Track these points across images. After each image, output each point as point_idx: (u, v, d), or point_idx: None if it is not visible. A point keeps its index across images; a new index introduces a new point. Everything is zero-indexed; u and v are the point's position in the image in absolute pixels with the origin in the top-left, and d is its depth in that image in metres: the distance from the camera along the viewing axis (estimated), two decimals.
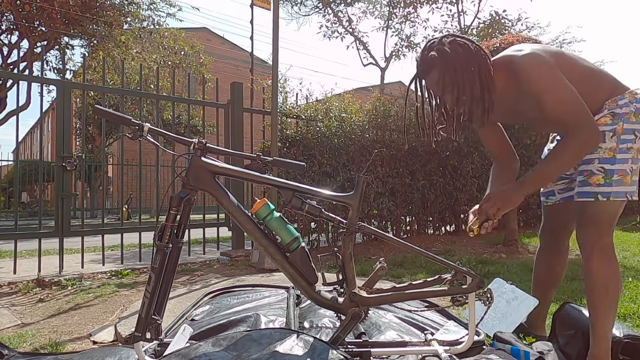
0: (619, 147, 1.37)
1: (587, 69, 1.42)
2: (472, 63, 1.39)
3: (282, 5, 11.89)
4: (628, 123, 1.38)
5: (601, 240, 1.39)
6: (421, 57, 1.44)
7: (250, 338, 1.24)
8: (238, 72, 20.22)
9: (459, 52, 1.39)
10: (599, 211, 1.39)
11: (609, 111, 1.40)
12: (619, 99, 1.40)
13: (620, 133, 1.38)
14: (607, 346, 1.38)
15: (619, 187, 1.37)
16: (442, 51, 1.39)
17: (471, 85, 1.39)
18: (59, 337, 1.94)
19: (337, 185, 4.64)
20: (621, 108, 1.39)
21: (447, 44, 1.40)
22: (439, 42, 1.41)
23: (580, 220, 1.43)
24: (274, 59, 3.68)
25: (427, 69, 1.42)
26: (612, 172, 1.38)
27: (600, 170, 1.39)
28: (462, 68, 1.38)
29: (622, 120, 1.38)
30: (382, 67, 11.89)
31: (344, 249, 1.44)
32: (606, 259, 1.38)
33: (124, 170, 3.64)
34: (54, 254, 4.66)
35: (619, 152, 1.37)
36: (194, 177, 1.42)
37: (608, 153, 1.38)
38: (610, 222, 1.39)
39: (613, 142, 1.38)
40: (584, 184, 1.42)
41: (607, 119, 1.39)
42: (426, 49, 1.44)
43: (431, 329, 1.69)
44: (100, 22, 9.66)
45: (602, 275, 1.38)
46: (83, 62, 3.53)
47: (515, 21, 10.08)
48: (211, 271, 3.51)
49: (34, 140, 35.88)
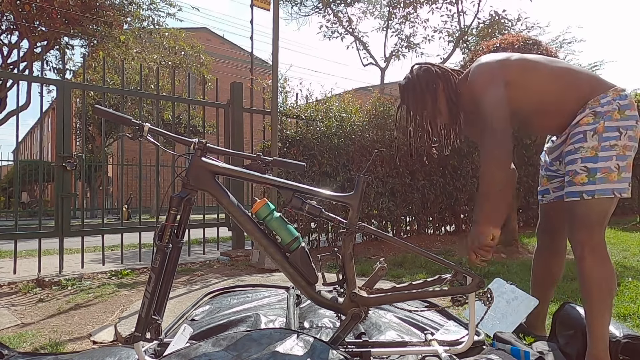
0: (601, 145, 1.38)
1: (559, 68, 1.47)
2: (434, 82, 1.60)
3: (282, 6, 11.89)
4: (611, 120, 1.38)
5: (592, 240, 1.39)
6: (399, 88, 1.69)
7: (250, 338, 1.24)
8: (238, 72, 20.22)
9: (420, 76, 1.61)
10: (587, 210, 1.39)
11: (590, 110, 1.41)
12: (601, 98, 1.41)
13: (601, 131, 1.38)
14: (605, 345, 1.38)
15: (604, 185, 1.38)
16: (406, 78, 1.65)
17: (433, 101, 1.59)
18: (59, 337, 1.94)
19: (337, 185, 4.64)
20: (603, 107, 1.40)
21: (412, 72, 1.64)
22: (408, 73, 1.67)
23: (571, 221, 1.44)
24: (274, 59, 3.68)
25: (401, 96, 1.67)
26: (595, 170, 1.38)
27: (583, 169, 1.40)
28: (423, 89, 1.59)
29: (603, 119, 1.39)
30: (382, 67, 11.88)
31: (344, 249, 1.44)
32: (599, 258, 1.38)
33: (124, 170, 3.64)
34: (54, 254, 4.66)
35: (601, 150, 1.38)
36: (194, 177, 1.42)
37: (590, 152, 1.39)
38: (600, 221, 1.39)
39: (594, 140, 1.39)
40: (570, 184, 1.44)
41: (589, 119, 1.40)
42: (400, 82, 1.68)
43: (431, 329, 1.69)
44: (100, 22, 9.66)
45: (595, 275, 1.38)
46: (83, 62, 3.53)
47: (515, 21, 10.09)
48: (211, 271, 3.51)
49: (34, 140, 35.88)
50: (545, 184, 1.73)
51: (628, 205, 8.66)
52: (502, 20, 9.46)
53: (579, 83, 1.44)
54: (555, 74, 1.46)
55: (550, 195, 1.69)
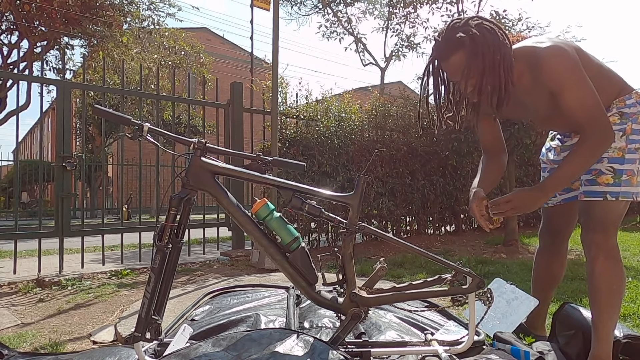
0: (628, 147, 1.36)
1: (598, 66, 1.40)
2: (499, 51, 1.30)
3: (281, 5, 11.90)
4: (636, 123, 1.36)
5: (607, 242, 1.37)
6: (446, 38, 1.33)
7: (250, 338, 1.24)
8: (238, 72, 20.21)
9: (487, 37, 1.30)
10: (606, 211, 1.37)
11: (617, 110, 1.38)
12: (627, 99, 1.39)
13: (629, 133, 1.36)
14: (609, 347, 1.37)
15: (628, 188, 1.36)
16: (470, 34, 1.29)
17: (494, 75, 1.31)
18: (59, 337, 1.94)
19: (337, 185, 4.64)
20: (629, 108, 1.37)
21: (475, 27, 1.31)
22: (464, 24, 1.32)
23: (587, 220, 1.41)
24: (274, 59, 3.68)
25: (451, 51, 1.32)
26: (621, 172, 1.36)
27: (609, 169, 1.37)
28: (489, 56, 1.29)
29: (630, 120, 1.36)
30: (382, 67, 11.89)
31: (344, 249, 1.44)
32: (612, 260, 1.37)
33: (124, 170, 3.64)
34: (54, 254, 4.66)
35: (628, 152, 1.35)
36: (194, 177, 1.41)
37: (617, 153, 1.36)
38: (616, 223, 1.38)
39: (622, 141, 1.36)
40: (592, 183, 1.40)
41: (616, 119, 1.38)
42: (451, 29, 1.33)
43: (431, 329, 1.69)
44: (99, 22, 9.65)
45: (607, 276, 1.36)
46: (83, 62, 3.53)
47: (515, 21, 10.07)
48: (211, 271, 3.51)
49: (34, 140, 35.87)
50: None
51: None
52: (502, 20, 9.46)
53: (611, 83, 1.40)
54: (598, 71, 1.39)
55: (557, 199, 1.66)
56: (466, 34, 1.30)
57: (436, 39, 1.37)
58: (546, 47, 1.31)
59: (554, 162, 1.65)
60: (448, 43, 1.32)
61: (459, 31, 1.31)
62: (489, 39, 1.30)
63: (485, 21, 1.34)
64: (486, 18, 1.35)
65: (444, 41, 1.34)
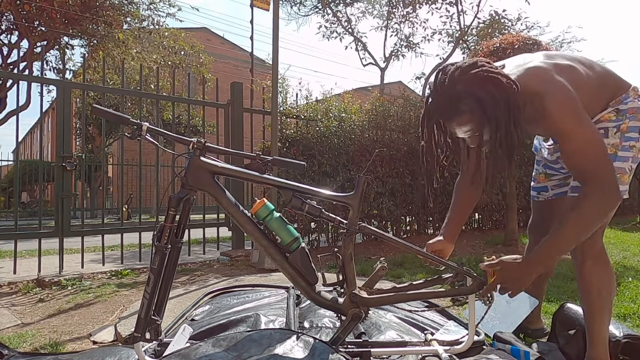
0: (622, 144, 1.32)
1: (596, 79, 1.35)
2: (507, 104, 1.18)
3: (281, 6, 11.89)
4: (635, 121, 1.32)
5: (594, 245, 1.36)
6: (444, 94, 1.20)
7: (250, 338, 1.24)
8: (238, 72, 20.19)
9: (494, 94, 1.17)
10: None
11: (613, 108, 1.35)
12: (624, 98, 1.35)
13: (625, 130, 1.32)
14: (605, 349, 1.38)
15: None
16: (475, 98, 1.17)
17: (499, 124, 1.18)
18: (59, 337, 1.94)
19: (337, 185, 4.64)
20: (626, 104, 1.33)
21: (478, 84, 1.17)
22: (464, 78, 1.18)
23: None
24: (274, 59, 3.68)
25: (455, 113, 1.20)
26: None
27: None
28: (493, 107, 1.17)
29: (627, 117, 1.32)
30: (382, 67, 11.87)
31: (344, 249, 1.44)
32: (600, 262, 1.37)
33: (124, 170, 3.64)
34: (54, 254, 4.65)
35: (621, 150, 1.32)
36: (193, 177, 1.41)
37: (610, 149, 1.31)
38: (603, 225, 1.37)
39: (616, 138, 1.32)
40: None
41: (611, 115, 1.34)
42: (448, 84, 1.19)
43: (431, 329, 1.69)
44: (99, 21, 9.65)
45: (595, 279, 1.36)
46: (83, 62, 3.53)
47: (515, 21, 10.08)
48: (211, 271, 3.51)
49: (34, 140, 35.86)
50: (542, 180, 1.70)
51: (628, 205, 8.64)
52: (502, 20, 9.45)
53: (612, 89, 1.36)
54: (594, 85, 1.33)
55: (549, 193, 1.67)
56: (470, 97, 1.17)
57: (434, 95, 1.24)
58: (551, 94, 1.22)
59: (549, 161, 1.65)
60: (451, 105, 1.20)
61: (459, 90, 1.18)
62: (496, 94, 1.17)
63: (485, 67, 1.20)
64: (485, 62, 1.22)
65: (445, 100, 1.21)
